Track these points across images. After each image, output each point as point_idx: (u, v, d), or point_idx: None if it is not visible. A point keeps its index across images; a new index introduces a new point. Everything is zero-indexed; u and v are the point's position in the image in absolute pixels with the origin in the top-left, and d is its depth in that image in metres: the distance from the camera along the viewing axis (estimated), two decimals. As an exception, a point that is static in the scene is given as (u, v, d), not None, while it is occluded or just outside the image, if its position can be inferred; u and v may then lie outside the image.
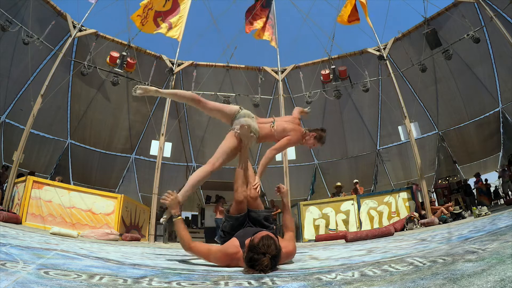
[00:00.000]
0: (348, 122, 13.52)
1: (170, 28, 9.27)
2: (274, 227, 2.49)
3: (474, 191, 10.71)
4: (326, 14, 12.17)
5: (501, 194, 10.81)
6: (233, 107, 2.96)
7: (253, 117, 2.93)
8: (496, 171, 11.32)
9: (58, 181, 7.62)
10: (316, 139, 3.21)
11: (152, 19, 9.02)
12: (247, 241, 1.81)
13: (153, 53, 10.74)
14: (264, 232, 1.91)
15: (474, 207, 7.10)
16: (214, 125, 13.22)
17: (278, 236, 2.12)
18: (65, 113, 11.78)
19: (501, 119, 11.13)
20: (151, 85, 10.54)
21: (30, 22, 8.48)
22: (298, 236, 8.78)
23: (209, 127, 13.53)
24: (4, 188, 7.60)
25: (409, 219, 7.38)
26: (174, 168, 13.90)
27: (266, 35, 10.32)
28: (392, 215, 8.19)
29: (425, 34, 9.46)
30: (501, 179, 10.66)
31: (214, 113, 3.02)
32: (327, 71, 10.58)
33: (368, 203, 8.51)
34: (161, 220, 2.55)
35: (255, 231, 2.00)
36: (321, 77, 10.66)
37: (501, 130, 11.25)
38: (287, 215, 2.49)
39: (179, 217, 2.29)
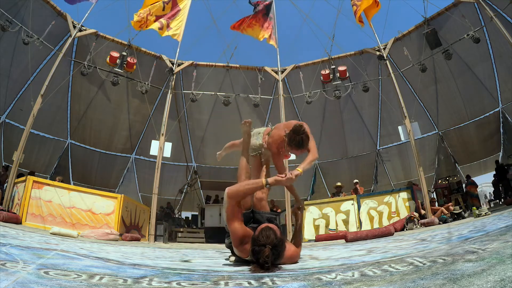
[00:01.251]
0: (348, 122, 13.51)
1: (170, 28, 9.29)
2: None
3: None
4: (326, 14, 12.19)
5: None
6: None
7: (259, 133, 2.88)
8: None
9: (58, 181, 7.62)
10: (285, 148, 2.47)
11: (153, 20, 9.05)
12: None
13: (153, 53, 10.74)
14: (265, 224, 1.91)
15: (474, 207, 7.10)
16: (214, 125, 13.22)
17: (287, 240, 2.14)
18: (65, 113, 11.77)
19: (501, 119, 11.12)
20: (151, 85, 10.45)
21: (30, 22, 8.48)
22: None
23: (209, 127, 13.54)
24: (4, 188, 7.60)
25: (409, 219, 7.38)
26: (174, 168, 13.90)
27: (267, 36, 10.31)
28: (392, 215, 8.19)
29: (425, 34, 9.45)
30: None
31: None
32: (327, 71, 10.58)
33: (368, 203, 8.51)
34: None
35: (259, 225, 2.01)
36: (321, 77, 10.66)
37: (501, 130, 11.24)
38: (299, 234, 2.50)
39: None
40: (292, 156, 10.04)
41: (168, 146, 10.02)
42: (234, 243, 2.04)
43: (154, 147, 9.83)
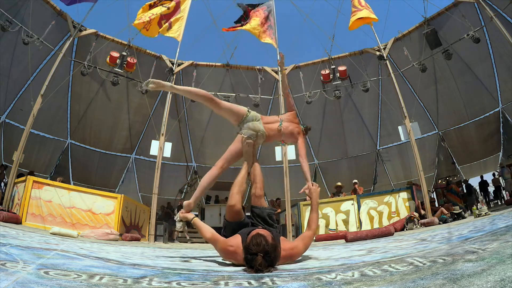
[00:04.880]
0: (348, 122, 13.51)
1: (170, 28, 9.29)
2: (277, 225, 2.51)
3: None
4: (326, 14, 12.19)
5: (503, 193, 10.89)
6: (242, 109, 2.96)
7: (259, 120, 2.94)
8: (497, 171, 11.35)
9: (59, 182, 7.60)
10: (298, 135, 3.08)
11: (156, 22, 9.04)
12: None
13: (153, 53, 10.74)
14: (256, 231, 1.91)
15: (474, 207, 7.10)
16: (214, 125, 13.21)
17: (281, 237, 2.14)
18: (65, 113, 11.77)
19: (501, 119, 11.13)
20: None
21: (30, 22, 8.47)
22: (298, 236, 8.78)
23: (209, 127, 13.53)
24: (3, 188, 7.60)
25: (409, 219, 7.38)
26: (174, 168, 13.89)
27: (267, 39, 10.26)
28: (392, 215, 8.19)
29: (425, 34, 9.46)
30: (501, 178, 10.73)
31: (223, 112, 3.02)
32: (327, 71, 10.58)
33: (368, 203, 8.51)
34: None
35: (251, 230, 2.00)
36: (321, 77, 10.66)
37: (501, 130, 11.24)
38: (311, 213, 2.57)
39: (195, 218, 2.56)
40: (292, 156, 9.98)
41: (168, 146, 10.01)
42: (226, 258, 2.16)
43: (154, 147, 9.83)
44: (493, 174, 11.61)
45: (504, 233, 2.05)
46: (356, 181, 10.22)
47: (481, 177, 11.80)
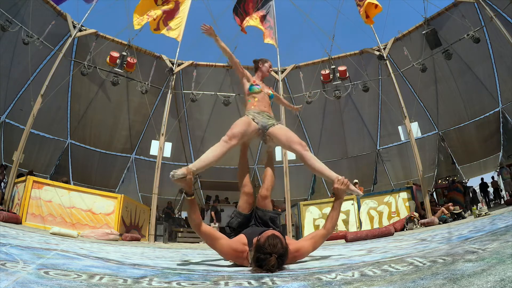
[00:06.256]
0: (348, 122, 13.51)
1: (169, 28, 9.29)
2: (280, 229, 2.48)
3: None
4: (326, 14, 12.19)
5: (503, 193, 10.90)
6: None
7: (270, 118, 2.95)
8: (497, 171, 11.36)
9: (63, 182, 7.57)
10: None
11: (161, 20, 9.06)
12: (254, 240, 1.82)
13: (153, 53, 10.74)
14: (270, 231, 1.91)
15: (474, 207, 7.11)
16: (214, 125, 13.20)
17: (286, 236, 2.15)
18: (65, 113, 11.77)
19: (501, 119, 11.12)
20: (151, 85, 10.49)
21: (30, 22, 8.48)
22: (298, 236, 8.79)
23: (209, 127, 13.53)
24: (3, 188, 7.59)
25: (409, 219, 7.38)
26: (174, 168, 13.68)
27: (268, 39, 10.27)
28: (392, 215, 8.20)
29: (425, 34, 9.46)
30: (500, 177, 10.74)
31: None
32: (327, 71, 10.59)
33: (368, 203, 8.51)
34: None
35: (262, 230, 2.00)
36: (321, 77, 10.66)
37: (501, 130, 11.24)
38: (332, 211, 2.35)
39: (192, 197, 2.13)
40: (291, 156, 9.97)
41: (168, 146, 10.02)
42: (229, 258, 2.08)
43: (154, 147, 9.84)
44: (492, 178, 11.63)
45: (504, 233, 2.05)
46: (356, 181, 10.21)
47: (482, 179, 11.89)
